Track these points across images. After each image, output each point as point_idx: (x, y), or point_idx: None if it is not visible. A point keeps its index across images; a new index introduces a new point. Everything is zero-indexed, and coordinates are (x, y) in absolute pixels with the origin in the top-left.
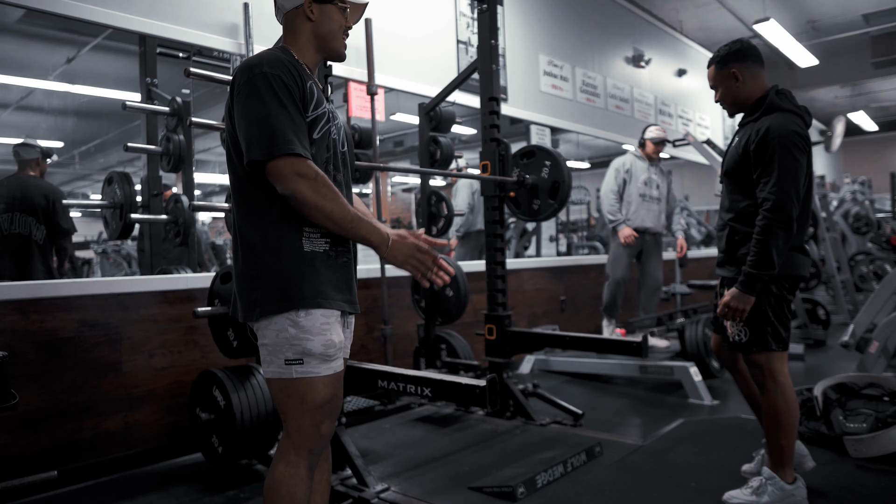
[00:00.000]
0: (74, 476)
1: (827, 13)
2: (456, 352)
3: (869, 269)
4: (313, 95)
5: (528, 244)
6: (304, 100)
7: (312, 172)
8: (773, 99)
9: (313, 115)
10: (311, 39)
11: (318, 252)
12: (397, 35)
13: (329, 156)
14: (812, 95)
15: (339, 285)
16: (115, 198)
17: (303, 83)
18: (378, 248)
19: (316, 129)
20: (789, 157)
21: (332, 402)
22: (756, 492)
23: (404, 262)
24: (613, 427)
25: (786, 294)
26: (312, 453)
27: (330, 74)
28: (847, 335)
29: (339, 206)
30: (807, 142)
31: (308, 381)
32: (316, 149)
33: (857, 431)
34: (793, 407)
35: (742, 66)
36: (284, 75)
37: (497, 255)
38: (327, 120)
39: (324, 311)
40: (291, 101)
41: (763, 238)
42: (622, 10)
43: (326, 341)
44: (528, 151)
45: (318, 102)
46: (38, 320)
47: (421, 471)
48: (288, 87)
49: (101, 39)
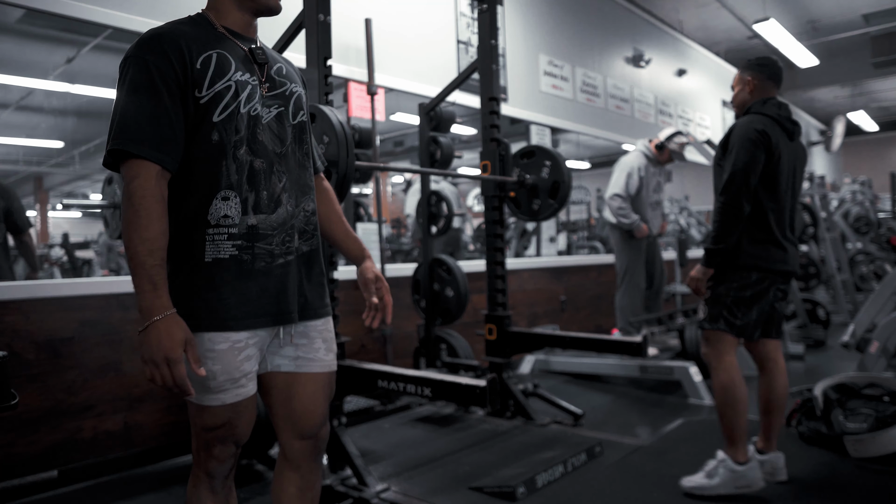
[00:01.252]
0: (74, 476)
1: (827, 13)
2: (456, 352)
3: (869, 269)
4: (207, 69)
5: (528, 244)
6: (188, 79)
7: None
8: (754, 105)
9: (208, 94)
10: None
11: (223, 259)
12: (397, 35)
13: (240, 138)
14: (812, 95)
15: (253, 297)
16: (115, 198)
17: (185, 59)
18: (140, 314)
19: (216, 110)
20: (742, 150)
21: (225, 428)
22: (708, 474)
23: (144, 357)
24: (613, 427)
25: (753, 284)
26: (210, 475)
27: (330, 74)
28: (847, 335)
29: (128, 232)
30: (765, 137)
31: (194, 406)
32: (220, 132)
33: (857, 431)
34: (738, 385)
35: (757, 76)
36: (153, 56)
37: (497, 255)
38: (234, 94)
39: (212, 336)
40: (155, 86)
41: (717, 218)
42: (622, 10)
43: (208, 371)
44: (528, 151)
45: (219, 73)
46: (38, 320)
47: (421, 471)
48: (155, 69)
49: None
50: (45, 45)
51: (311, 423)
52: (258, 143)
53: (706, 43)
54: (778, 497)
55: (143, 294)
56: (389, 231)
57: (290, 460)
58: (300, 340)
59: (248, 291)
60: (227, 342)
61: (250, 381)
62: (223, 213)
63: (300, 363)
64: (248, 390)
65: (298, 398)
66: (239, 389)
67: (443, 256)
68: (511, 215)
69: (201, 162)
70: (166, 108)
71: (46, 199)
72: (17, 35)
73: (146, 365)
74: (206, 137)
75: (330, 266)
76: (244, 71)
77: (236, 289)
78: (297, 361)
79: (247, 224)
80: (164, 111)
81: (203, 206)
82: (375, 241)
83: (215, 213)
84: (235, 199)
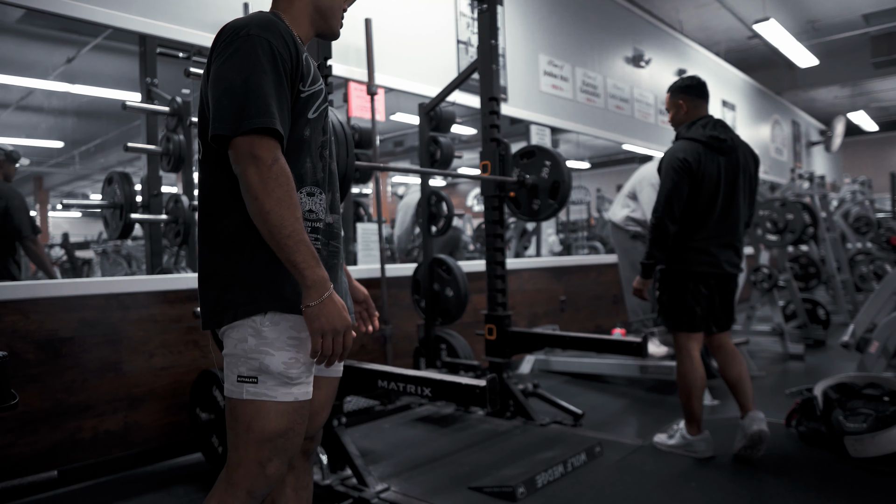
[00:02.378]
0: (74, 476)
1: (827, 13)
2: (456, 352)
3: (869, 269)
4: (310, 69)
5: (528, 244)
6: (298, 72)
7: (270, 157)
8: (681, 131)
9: (309, 90)
10: (309, 10)
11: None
12: (397, 35)
13: (325, 139)
14: (812, 95)
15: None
16: (115, 198)
17: (297, 53)
18: (308, 289)
19: (312, 108)
20: (667, 178)
21: (286, 436)
22: (669, 435)
23: (324, 329)
24: (613, 427)
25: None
26: (252, 497)
27: (330, 74)
28: (847, 335)
29: (281, 211)
30: (686, 164)
31: (259, 404)
32: (311, 130)
33: (857, 431)
34: (698, 375)
35: (687, 98)
36: (275, 40)
37: (497, 255)
38: (324, 98)
39: (295, 322)
40: (278, 70)
41: (649, 237)
42: (622, 10)
43: (290, 359)
44: (528, 151)
45: (315, 78)
46: (37, 320)
47: (421, 471)
48: (278, 54)
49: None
50: (45, 45)
51: (316, 425)
52: (331, 147)
53: (706, 43)
54: (778, 496)
55: (310, 269)
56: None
57: None
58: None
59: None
60: (306, 331)
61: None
62: (308, 208)
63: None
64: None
65: (314, 400)
66: (309, 386)
67: (443, 256)
68: (511, 215)
69: (291, 155)
70: (286, 94)
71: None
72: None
73: (324, 337)
74: (299, 132)
75: None
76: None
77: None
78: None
79: (327, 222)
80: (285, 97)
81: None
82: (375, 241)
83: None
84: (321, 197)
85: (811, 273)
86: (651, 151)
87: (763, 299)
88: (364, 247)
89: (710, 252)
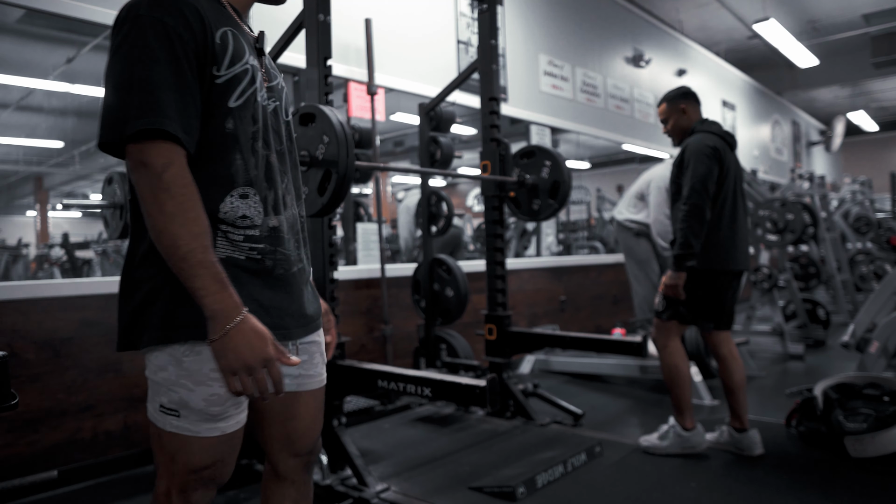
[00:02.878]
0: (74, 476)
1: (827, 13)
2: (456, 352)
3: (869, 269)
4: (226, 47)
5: (528, 244)
6: (209, 54)
7: (160, 164)
8: (696, 126)
9: (227, 74)
10: None
11: (239, 259)
12: (397, 35)
13: (257, 129)
14: (812, 95)
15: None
16: (115, 198)
17: (206, 29)
18: (210, 320)
19: (233, 94)
20: (699, 163)
21: (214, 468)
22: (661, 437)
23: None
24: (613, 427)
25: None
26: None
27: (330, 74)
28: (847, 335)
29: (173, 228)
30: (717, 152)
31: (182, 438)
32: (236, 121)
33: (857, 431)
34: (683, 365)
35: (688, 103)
36: (172, 19)
37: (497, 255)
38: (251, 80)
39: None
40: (176, 56)
41: (682, 226)
42: (622, 10)
43: (211, 395)
44: (528, 151)
45: (236, 56)
46: (37, 320)
47: (421, 471)
48: (175, 36)
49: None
50: (45, 45)
51: (310, 441)
52: (272, 135)
53: (706, 43)
54: (778, 496)
55: (210, 296)
56: (389, 231)
57: (282, 477)
58: (302, 356)
59: (265, 300)
60: None
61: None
62: (241, 214)
63: (301, 381)
64: (245, 416)
65: (300, 418)
66: (240, 415)
67: (443, 256)
68: (511, 215)
69: (212, 153)
70: (189, 84)
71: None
72: (17, 35)
73: (235, 376)
74: (219, 125)
75: (330, 266)
76: (254, 57)
77: (253, 296)
78: (298, 379)
79: (269, 226)
80: (188, 88)
81: (214, 203)
82: (375, 241)
83: (231, 213)
84: (255, 198)
85: (811, 273)
86: (651, 151)
87: (763, 299)
88: (364, 247)
89: (726, 247)
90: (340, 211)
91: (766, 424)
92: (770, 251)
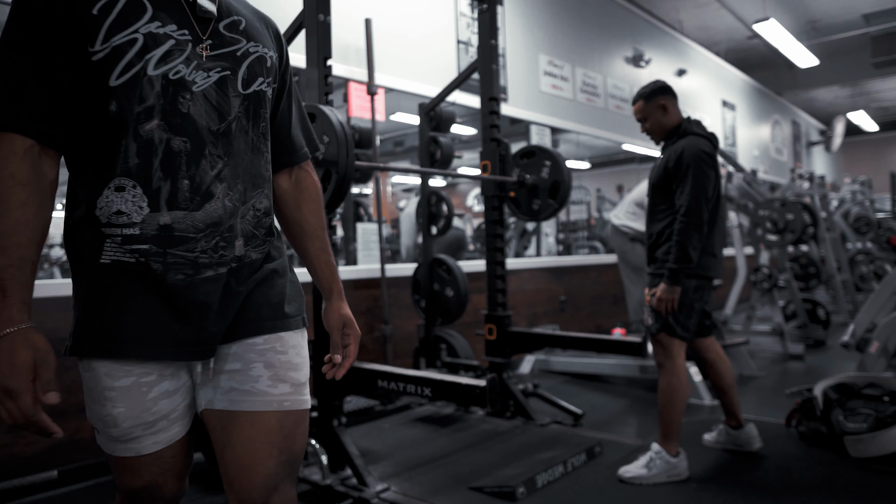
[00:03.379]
0: (74, 476)
1: (827, 13)
2: (456, 352)
3: (869, 269)
4: (105, 18)
5: (528, 244)
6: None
7: None
8: (685, 126)
9: (104, 48)
10: None
11: (129, 263)
12: (397, 35)
13: (145, 108)
14: (812, 95)
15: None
16: None
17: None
18: None
19: (115, 71)
20: (699, 172)
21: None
22: (646, 465)
23: None
24: (613, 427)
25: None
26: None
27: (330, 74)
28: (847, 335)
29: None
30: (713, 159)
31: (110, 457)
32: (120, 102)
33: (857, 431)
34: (683, 387)
35: (667, 98)
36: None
37: (497, 255)
38: (142, 49)
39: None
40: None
41: (680, 238)
42: (622, 10)
43: (104, 416)
44: (528, 151)
45: (120, 22)
46: (37, 320)
47: (421, 471)
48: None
49: None
50: None
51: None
52: (181, 116)
53: (706, 43)
54: (779, 496)
55: None
56: (389, 231)
57: None
58: (233, 365)
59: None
60: (129, 376)
61: (175, 423)
62: (115, 209)
63: (234, 397)
64: (171, 434)
65: (232, 447)
66: (158, 435)
67: (443, 256)
68: (511, 215)
69: (96, 140)
70: (41, 62)
71: None
72: None
73: None
74: (101, 108)
75: None
76: (166, 22)
77: (141, 305)
78: (230, 394)
79: (158, 223)
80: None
81: (92, 198)
82: (375, 241)
83: (106, 208)
84: (135, 191)
85: (811, 273)
86: (651, 151)
87: (763, 299)
88: (364, 247)
89: (716, 256)
90: (340, 211)
91: (766, 424)
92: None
